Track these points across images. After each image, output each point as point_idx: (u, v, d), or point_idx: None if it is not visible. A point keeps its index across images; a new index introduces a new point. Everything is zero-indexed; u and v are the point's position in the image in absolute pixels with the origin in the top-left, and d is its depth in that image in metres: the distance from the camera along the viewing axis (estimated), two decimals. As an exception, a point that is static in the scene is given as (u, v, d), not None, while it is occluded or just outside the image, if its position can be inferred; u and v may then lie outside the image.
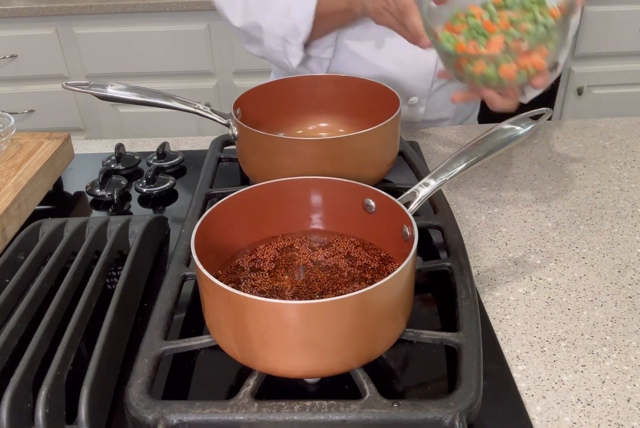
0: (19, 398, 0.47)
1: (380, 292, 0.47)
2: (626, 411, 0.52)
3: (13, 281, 0.60)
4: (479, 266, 0.70)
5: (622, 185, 0.84)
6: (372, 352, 0.51)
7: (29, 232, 0.69)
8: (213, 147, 0.87)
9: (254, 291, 0.56)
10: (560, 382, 0.55)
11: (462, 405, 0.47)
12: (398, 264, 0.59)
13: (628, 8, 1.83)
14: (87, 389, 0.49)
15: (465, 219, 0.78)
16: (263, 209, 0.62)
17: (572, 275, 0.68)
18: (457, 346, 0.53)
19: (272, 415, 0.47)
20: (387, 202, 0.57)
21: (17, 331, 0.54)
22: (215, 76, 1.96)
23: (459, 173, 0.59)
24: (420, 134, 0.99)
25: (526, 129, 0.63)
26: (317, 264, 0.59)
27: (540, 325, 0.61)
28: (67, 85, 0.75)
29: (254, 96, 0.79)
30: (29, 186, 0.78)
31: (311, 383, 0.54)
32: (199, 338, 0.54)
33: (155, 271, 0.69)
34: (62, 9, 1.79)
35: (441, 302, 0.64)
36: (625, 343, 0.59)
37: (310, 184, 0.62)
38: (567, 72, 1.94)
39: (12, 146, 0.86)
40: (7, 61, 1.90)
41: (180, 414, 0.47)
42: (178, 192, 0.85)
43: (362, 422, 0.46)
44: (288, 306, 0.45)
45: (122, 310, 0.59)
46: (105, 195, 0.82)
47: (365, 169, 0.72)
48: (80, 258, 0.63)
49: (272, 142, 0.71)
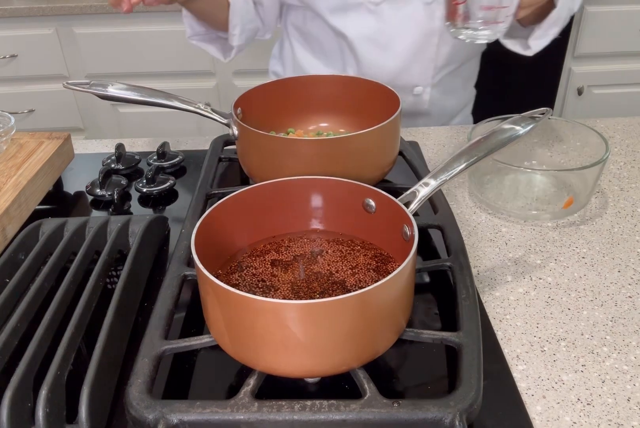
0: (19, 398, 0.47)
1: (380, 292, 0.47)
2: (626, 411, 0.52)
3: (13, 281, 0.60)
4: (479, 266, 0.70)
5: (622, 185, 0.84)
6: (372, 352, 0.51)
7: (29, 232, 0.69)
8: (213, 147, 0.87)
9: (254, 290, 0.56)
10: (560, 382, 0.55)
11: (462, 404, 0.47)
12: (398, 264, 0.59)
13: (628, 8, 1.83)
14: (87, 389, 0.49)
15: (465, 219, 0.78)
16: (263, 209, 0.62)
17: (572, 274, 0.68)
18: (457, 346, 0.53)
19: (272, 415, 0.47)
20: (387, 202, 0.57)
21: (18, 331, 0.54)
22: (215, 75, 1.96)
23: (459, 173, 0.59)
24: (420, 134, 0.99)
25: (526, 129, 0.63)
26: (317, 264, 0.59)
27: (540, 325, 0.61)
28: (67, 84, 0.75)
29: (254, 96, 0.79)
30: (29, 186, 0.78)
31: (311, 382, 0.54)
32: (199, 338, 0.54)
33: (155, 271, 0.69)
34: (62, 9, 1.79)
35: (441, 302, 0.64)
36: (625, 343, 0.59)
37: (310, 184, 0.62)
38: (567, 72, 1.94)
39: (12, 146, 0.86)
40: (7, 60, 1.90)
41: (181, 414, 0.47)
42: (178, 192, 0.85)
43: (362, 422, 0.46)
44: (288, 306, 0.45)
45: (122, 309, 0.59)
46: (105, 195, 0.82)
47: (366, 169, 0.72)
48: (80, 257, 0.63)
49: (272, 142, 0.71)
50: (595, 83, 1.96)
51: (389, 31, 0.97)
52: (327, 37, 1.01)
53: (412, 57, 0.99)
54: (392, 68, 1.00)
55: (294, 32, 1.06)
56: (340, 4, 0.95)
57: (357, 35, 0.98)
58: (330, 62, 1.04)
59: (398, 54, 0.99)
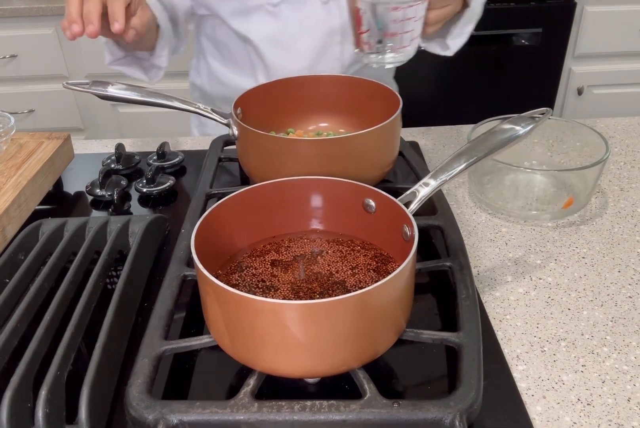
0: (19, 398, 0.47)
1: (380, 292, 0.47)
2: (626, 411, 0.52)
3: (13, 281, 0.60)
4: (479, 266, 0.70)
5: (622, 185, 0.84)
6: (372, 352, 0.51)
7: (29, 232, 0.69)
8: (213, 147, 0.87)
9: (254, 291, 0.56)
10: (561, 382, 0.55)
11: (463, 405, 0.47)
12: (398, 264, 0.59)
13: (628, 8, 1.83)
14: (87, 389, 0.49)
15: (465, 219, 0.78)
16: (263, 209, 0.62)
17: (572, 274, 0.68)
18: (457, 346, 0.53)
19: (272, 415, 0.47)
20: (387, 202, 0.57)
21: (17, 331, 0.54)
22: (215, 76, 1.95)
23: (459, 173, 0.59)
24: (420, 134, 0.99)
25: (526, 129, 0.62)
26: (317, 264, 0.59)
27: (540, 325, 0.61)
28: (67, 84, 0.75)
29: (254, 96, 0.79)
30: (29, 186, 0.78)
31: (311, 383, 0.54)
32: (199, 338, 0.54)
33: (155, 271, 0.69)
34: (62, 9, 1.79)
35: (441, 302, 0.64)
36: (625, 343, 0.59)
37: (310, 184, 0.62)
38: (567, 72, 1.94)
39: (12, 146, 0.86)
40: (7, 60, 1.90)
41: (181, 414, 0.47)
42: (178, 192, 0.85)
43: (362, 422, 0.46)
44: (288, 306, 0.45)
45: (122, 309, 0.59)
46: (105, 195, 0.82)
47: (366, 169, 0.72)
48: (80, 258, 0.63)
49: (272, 142, 0.71)
50: (595, 83, 1.96)
51: (290, 32, 0.97)
52: (235, 43, 1.02)
53: (317, 57, 0.99)
54: (299, 69, 1.00)
55: (207, 43, 1.07)
56: (241, 7, 0.96)
57: (261, 38, 0.98)
58: (241, 69, 1.04)
59: (302, 54, 0.99)
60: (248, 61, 1.03)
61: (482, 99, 1.91)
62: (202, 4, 0.99)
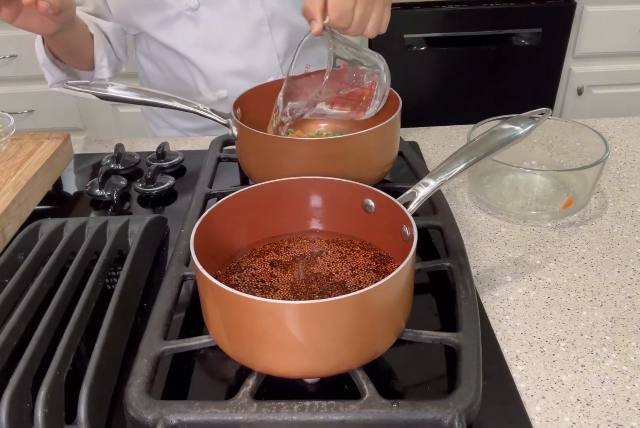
0: (18, 398, 0.47)
1: (380, 292, 0.47)
2: (625, 411, 0.52)
3: (13, 281, 0.60)
4: (479, 266, 0.70)
5: (622, 185, 0.84)
6: (371, 352, 0.51)
7: (29, 232, 0.69)
8: (213, 147, 0.87)
9: (253, 291, 0.56)
10: (560, 382, 0.55)
11: (462, 405, 0.47)
12: (398, 264, 0.59)
13: (628, 8, 1.83)
14: (86, 389, 0.49)
15: (464, 220, 0.78)
16: (263, 209, 0.62)
17: (571, 275, 0.68)
18: (457, 346, 0.53)
19: (271, 415, 0.47)
20: (387, 202, 0.57)
21: (17, 331, 0.54)
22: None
23: (459, 173, 0.59)
24: (420, 134, 0.99)
25: (526, 129, 0.62)
26: (317, 264, 0.59)
27: (539, 325, 0.61)
28: (67, 85, 0.75)
29: (254, 96, 0.79)
30: (29, 186, 0.78)
31: (310, 383, 0.54)
32: (198, 338, 0.54)
33: (155, 271, 0.69)
34: (62, 9, 1.79)
35: (441, 302, 0.64)
36: (624, 343, 0.59)
37: (310, 184, 0.62)
38: (567, 72, 1.94)
39: (12, 146, 0.86)
40: (7, 60, 1.90)
41: (180, 414, 0.47)
42: (178, 192, 0.85)
43: (362, 422, 0.46)
44: (288, 306, 0.45)
45: (122, 310, 0.59)
46: (105, 195, 0.82)
47: (365, 169, 0.72)
48: (80, 258, 0.63)
49: (272, 142, 0.71)
50: (595, 83, 1.96)
51: (215, 33, 0.96)
52: (169, 56, 1.01)
53: (251, 51, 0.99)
54: (237, 67, 0.99)
55: (145, 60, 1.07)
56: (162, 18, 0.95)
57: (188, 45, 0.97)
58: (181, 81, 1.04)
59: (235, 53, 0.98)
60: (186, 71, 1.02)
61: (482, 99, 1.91)
62: (127, 24, 0.99)
